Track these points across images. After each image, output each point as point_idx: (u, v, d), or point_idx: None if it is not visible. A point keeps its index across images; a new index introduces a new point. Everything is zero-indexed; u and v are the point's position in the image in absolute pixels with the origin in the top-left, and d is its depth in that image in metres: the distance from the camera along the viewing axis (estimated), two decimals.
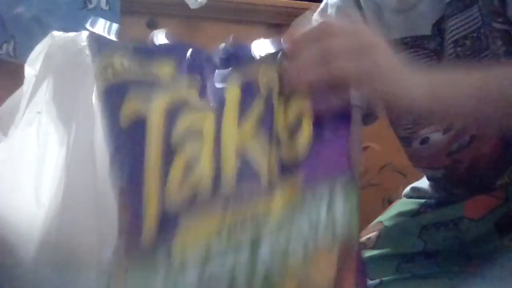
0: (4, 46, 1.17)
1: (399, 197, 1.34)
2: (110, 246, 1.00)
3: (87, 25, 0.70)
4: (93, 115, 0.99)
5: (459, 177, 0.71)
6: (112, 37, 0.71)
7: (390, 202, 1.35)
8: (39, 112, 0.99)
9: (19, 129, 0.99)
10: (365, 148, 1.32)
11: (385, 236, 0.73)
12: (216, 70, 0.55)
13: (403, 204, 0.81)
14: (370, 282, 0.67)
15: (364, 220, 1.32)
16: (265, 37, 1.41)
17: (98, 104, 0.98)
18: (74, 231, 0.96)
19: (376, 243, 0.74)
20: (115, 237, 1.00)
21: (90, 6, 1.18)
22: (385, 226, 0.75)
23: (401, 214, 0.77)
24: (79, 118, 0.98)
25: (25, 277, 0.94)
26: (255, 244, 0.44)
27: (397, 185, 1.37)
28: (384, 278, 0.67)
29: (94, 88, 1.00)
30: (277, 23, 1.30)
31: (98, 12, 1.18)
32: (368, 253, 0.73)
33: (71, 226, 0.95)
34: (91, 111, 0.99)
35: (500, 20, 0.63)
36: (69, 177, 0.95)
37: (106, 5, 1.19)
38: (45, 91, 1.00)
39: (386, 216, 0.79)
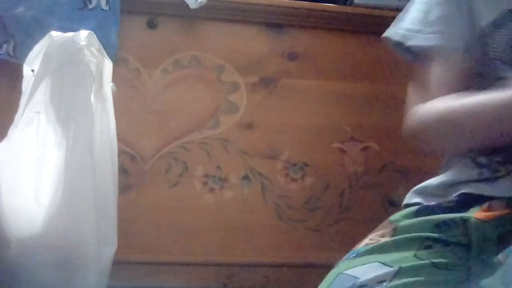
0: (4, 46, 1.16)
1: (399, 197, 1.35)
2: (110, 246, 1.00)
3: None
4: (92, 115, 0.99)
5: None
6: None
7: (390, 202, 1.35)
8: (38, 112, 0.99)
9: (19, 128, 0.99)
10: (365, 148, 1.32)
11: (401, 230, 0.73)
12: None
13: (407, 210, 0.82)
14: (389, 269, 0.66)
15: (364, 220, 1.32)
16: (265, 37, 1.42)
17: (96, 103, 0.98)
18: (74, 231, 0.96)
19: (393, 235, 0.73)
20: (115, 237, 1.00)
21: (90, 6, 1.18)
22: (398, 224, 0.75)
23: (408, 216, 0.77)
24: (78, 118, 0.98)
25: (25, 276, 0.94)
26: None
27: (397, 185, 1.37)
28: (402, 265, 0.66)
29: (93, 88, 1.00)
30: (277, 23, 1.30)
31: (98, 12, 1.18)
32: (386, 239, 0.72)
33: (71, 226, 0.95)
34: (90, 111, 0.99)
35: None
36: (68, 177, 0.96)
37: (106, 5, 1.19)
38: (44, 91, 1.00)
39: (394, 217, 0.79)
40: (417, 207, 0.78)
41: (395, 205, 1.34)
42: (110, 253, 0.99)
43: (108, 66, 1.03)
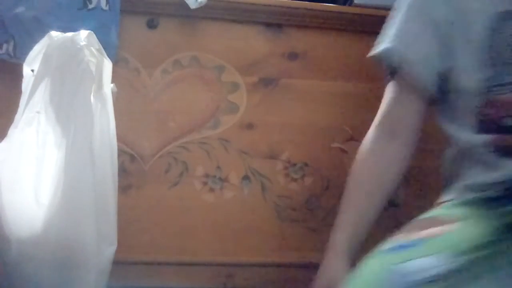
0: (4, 46, 1.16)
1: (399, 197, 1.35)
2: (110, 246, 1.00)
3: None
4: (92, 115, 1.00)
5: None
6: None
7: (390, 202, 1.35)
8: (38, 112, 0.99)
9: (19, 128, 0.99)
10: None
11: (465, 218, 0.70)
12: None
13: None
14: (464, 257, 0.61)
15: None
16: (265, 37, 1.42)
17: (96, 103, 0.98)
18: (74, 231, 0.96)
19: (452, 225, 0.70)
20: (115, 237, 1.00)
21: (90, 6, 1.18)
22: (451, 214, 0.73)
23: (463, 206, 0.75)
24: (78, 118, 0.98)
25: (25, 276, 0.94)
26: None
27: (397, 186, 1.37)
28: (478, 253, 0.62)
29: (93, 88, 1.00)
30: (277, 23, 1.30)
31: (98, 12, 1.18)
32: (449, 228, 0.68)
33: (71, 226, 0.95)
34: (89, 111, 0.99)
35: None
36: (68, 177, 0.96)
37: (106, 5, 1.19)
38: (44, 91, 1.01)
39: (441, 212, 0.77)
40: (471, 197, 0.76)
41: (395, 206, 1.34)
42: (110, 253, 1.00)
43: (108, 66, 1.03)
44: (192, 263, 1.26)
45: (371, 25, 1.33)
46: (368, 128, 1.36)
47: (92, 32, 1.02)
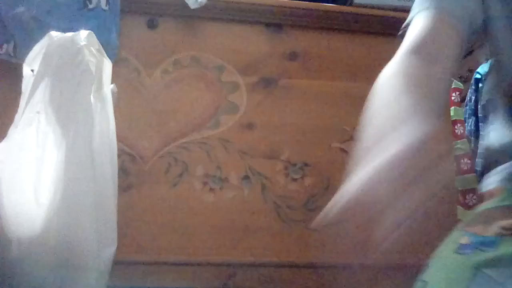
0: (4, 46, 1.17)
1: None
2: (110, 246, 1.00)
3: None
4: (92, 115, 1.00)
5: None
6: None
7: None
8: (38, 112, 0.99)
9: (19, 128, 0.99)
10: None
11: None
12: None
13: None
14: None
15: None
16: (265, 37, 1.42)
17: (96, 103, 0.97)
18: (74, 231, 0.96)
19: None
20: (115, 237, 1.00)
21: (90, 6, 1.18)
22: None
23: None
24: (78, 118, 0.98)
25: (25, 276, 0.94)
26: None
27: None
28: None
29: (93, 88, 1.00)
30: (277, 23, 1.30)
31: (98, 12, 1.18)
32: None
33: (71, 226, 0.95)
34: (89, 111, 0.99)
35: None
36: (68, 177, 0.96)
37: (106, 5, 1.19)
38: (43, 91, 1.01)
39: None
40: None
41: None
42: (110, 253, 0.99)
43: (108, 66, 1.03)
44: (193, 263, 1.26)
45: (371, 25, 1.33)
46: None
47: (92, 32, 1.02)
